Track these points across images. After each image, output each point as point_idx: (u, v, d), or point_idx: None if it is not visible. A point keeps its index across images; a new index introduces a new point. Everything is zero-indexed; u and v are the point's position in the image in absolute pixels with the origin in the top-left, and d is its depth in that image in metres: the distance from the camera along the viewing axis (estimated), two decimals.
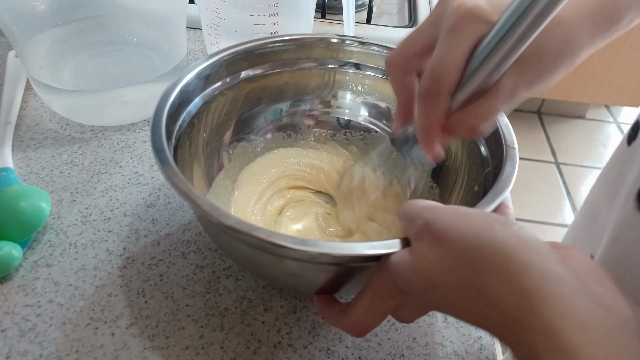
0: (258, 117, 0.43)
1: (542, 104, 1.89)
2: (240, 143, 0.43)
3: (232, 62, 0.39)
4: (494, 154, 0.34)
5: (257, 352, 0.33)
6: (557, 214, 1.52)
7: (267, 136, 0.44)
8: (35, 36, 0.45)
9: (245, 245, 0.28)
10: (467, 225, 0.22)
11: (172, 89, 0.34)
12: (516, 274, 0.20)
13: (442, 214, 0.24)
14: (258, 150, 0.44)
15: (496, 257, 0.21)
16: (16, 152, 0.46)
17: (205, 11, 0.49)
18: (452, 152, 0.40)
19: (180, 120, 0.35)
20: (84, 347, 0.32)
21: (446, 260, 0.22)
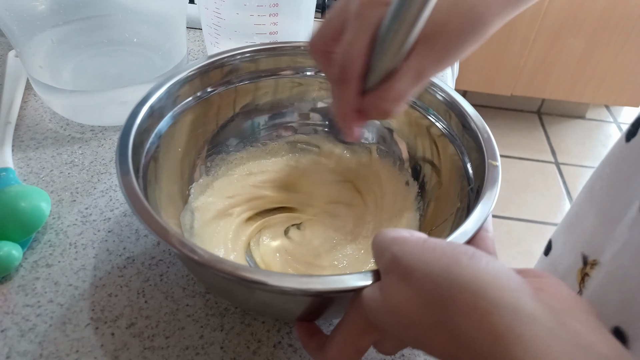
0: (234, 129, 0.43)
1: (542, 104, 1.89)
2: (219, 155, 0.42)
3: (200, 76, 0.39)
4: (477, 170, 0.34)
5: (257, 352, 0.33)
6: (557, 214, 1.52)
7: (244, 148, 0.44)
8: (36, 36, 0.45)
9: (215, 276, 0.27)
10: (434, 261, 0.22)
11: (139, 108, 0.34)
12: (486, 314, 0.19)
13: (409, 248, 0.23)
14: (233, 163, 0.43)
15: (465, 296, 0.20)
16: (16, 152, 0.46)
17: (205, 11, 0.49)
18: (437, 165, 0.39)
19: (149, 141, 0.35)
20: (84, 347, 0.32)
21: (415, 298, 0.21)
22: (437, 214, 0.38)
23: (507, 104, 1.88)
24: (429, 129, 0.40)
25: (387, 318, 0.23)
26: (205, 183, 0.41)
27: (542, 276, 0.23)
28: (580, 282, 0.32)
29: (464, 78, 1.62)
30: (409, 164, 0.42)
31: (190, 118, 0.39)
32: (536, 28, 1.51)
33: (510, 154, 1.70)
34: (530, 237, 1.44)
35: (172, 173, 0.38)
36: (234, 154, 0.43)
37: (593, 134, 1.84)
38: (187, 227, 0.37)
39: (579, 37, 1.52)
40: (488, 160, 0.33)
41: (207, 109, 0.40)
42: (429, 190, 0.40)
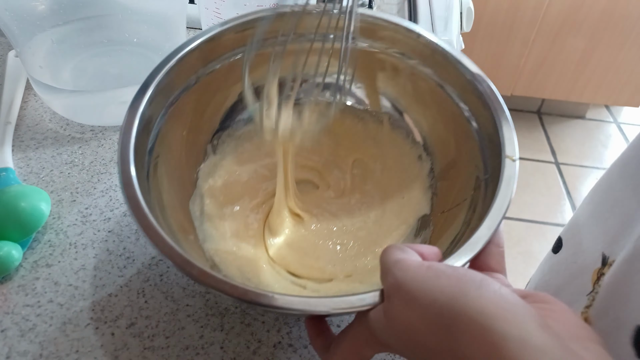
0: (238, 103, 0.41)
1: (542, 104, 1.89)
2: (225, 132, 0.40)
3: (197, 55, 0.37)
4: (490, 162, 0.33)
5: (257, 352, 0.33)
6: (557, 214, 1.52)
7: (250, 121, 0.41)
8: (36, 36, 0.45)
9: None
10: (440, 289, 0.21)
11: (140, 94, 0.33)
12: (495, 346, 0.19)
13: (411, 274, 0.23)
14: (241, 138, 0.41)
15: (473, 328, 0.20)
16: (16, 152, 0.46)
17: (205, 11, 0.49)
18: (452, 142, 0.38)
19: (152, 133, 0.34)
20: (84, 347, 0.32)
21: (420, 325, 0.21)
22: (449, 195, 0.37)
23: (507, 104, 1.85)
24: (445, 104, 0.38)
25: (393, 340, 0.23)
26: (213, 163, 0.40)
27: (550, 302, 0.23)
28: (595, 282, 0.32)
29: None
30: (421, 138, 0.40)
31: (191, 98, 0.37)
32: (536, 28, 1.51)
33: None
34: (530, 237, 1.44)
35: (178, 159, 0.37)
36: (241, 128, 0.41)
37: (593, 134, 1.84)
38: (197, 214, 0.36)
39: (578, 37, 1.52)
40: (505, 154, 0.31)
41: (207, 86, 0.38)
42: (442, 169, 0.38)
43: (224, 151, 0.41)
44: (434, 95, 0.39)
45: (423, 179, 0.39)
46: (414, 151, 0.41)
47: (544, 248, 0.41)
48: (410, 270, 0.23)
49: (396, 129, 0.42)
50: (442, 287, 0.21)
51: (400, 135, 0.42)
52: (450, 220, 0.35)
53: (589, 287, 0.32)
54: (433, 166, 0.39)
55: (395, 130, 0.42)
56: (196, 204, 0.37)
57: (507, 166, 0.30)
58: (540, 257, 0.45)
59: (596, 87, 1.65)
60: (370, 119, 0.43)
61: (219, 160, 0.40)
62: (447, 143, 0.39)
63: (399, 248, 0.25)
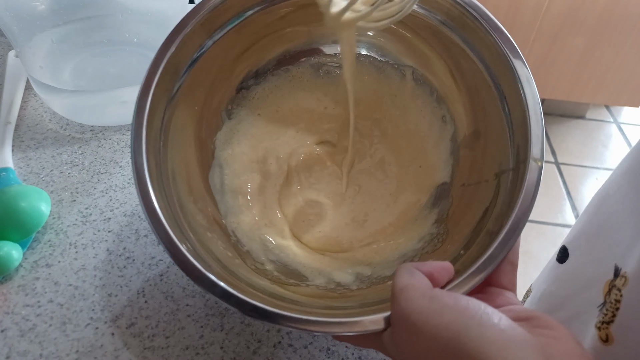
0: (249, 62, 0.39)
1: (542, 104, 1.89)
2: (238, 94, 0.39)
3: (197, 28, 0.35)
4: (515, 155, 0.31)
5: (257, 352, 0.33)
6: (558, 214, 1.52)
7: (264, 79, 0.40)
8: (36, 36, 0.45)
9: None
10: (443, 326, 0.22)
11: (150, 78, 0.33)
12: None
13: (416, 306, 0.23)
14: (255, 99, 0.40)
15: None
16: (16, 152, 0.46)
17: None
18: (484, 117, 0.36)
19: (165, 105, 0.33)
20: (84, 347, 0.32)
21: (425, 356, 0.22)
22: (472, 168, 0.35)
23: None
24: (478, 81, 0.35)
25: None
26: (229, 129, 0.38)
27: (553, 327, 0.22)
28: (606, 294, 0.31)
29: None
30: (446, 97, 0.38)
31: (202, 69, 0.36)
32: (536, 28, 1.51)
33: None
34: (531, 237, 1.44)
35: (193, 131, 0.36)
36: (254, 89, 0.40)
37: (593, 134, 1.84)
38: (218, 186, 0.36)
39: (579, 36, 1.52)
40: (530, 157, 0.29)
41: (218, 51, 0.37)
42: (466, 136, 0.36)
43: (239, 115, 0.39)
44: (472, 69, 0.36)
45: (445, 144, 0.38)
46: (437, 111, 0.38)
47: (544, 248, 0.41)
48: (414, 301, 0.23)
49: (420, 85, 0.39)
50: (445, 322, 0.21)
51: (424, 92, 0.39)
52: (470, 199, 0.34)
53: (600, 299, 0.32)
54: (456, 131, 0.37)
55: (418, 86, 0.39)
56: (215, 175, 0.37)
57: (530, 170, 0.29)
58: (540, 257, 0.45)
59: (596, 87, 1.65)
60: (392, 72, 0.40)
61: (235, 124, 0.39)
62: (474, 111, 0.36)
63: (408, 271, 0.25)
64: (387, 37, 0.40)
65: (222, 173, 0.37)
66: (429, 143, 0.39)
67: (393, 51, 0.40)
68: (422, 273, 0.25)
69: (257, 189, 0.38)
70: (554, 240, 1.39)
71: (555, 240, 1.40)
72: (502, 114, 0.33)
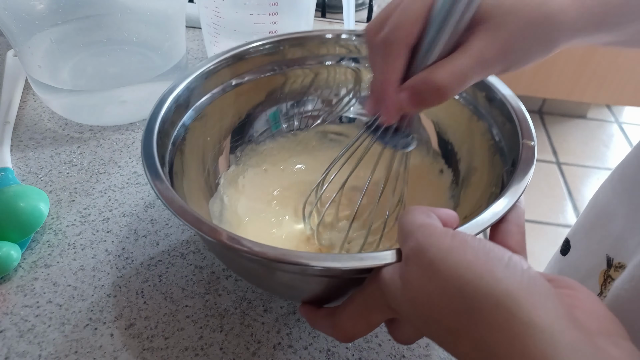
0: (259, 118, 0.43)
1: (543, 104, 1.89)
2: (249, 146, 0.42)
3: (222, 69, 0.39)
4: (511, 151, 0.32)
5: (257, 353, 0.33)
6: (559, 214, 1.51)
7: (274, 139, 0.44)
8: (34, 35, 0.45)
9: (237, 256, 0.28)
10: (466, 264, 0.20)
11: (166, 96, 0.34)
12: (520, 336, 0.17)
13: (436, 240, 0.21)
14: (264, 154, 0.43)
15: (497, 312, 0.18)
16: (15, 152, 0.46)
17: (205, 10, 0.48)
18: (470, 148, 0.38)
19: (175, 131, 0.35)
20: (82, 347, 0.32)
21: (438, 298, 0.20)
22: (472, 200, 0.36)
23: None
24: (459, 109, 0.38)
25: (406, 307, 0.22)
26: (236, 173, 0.41)
27: (576, 288, 0.21)
28: (602, 284, 0.32)
29: None
30: (440, 149, 0.41)
31: (216, 109, 0.39)
32: None
33: None
34: (532, 237, 1.44)
35: (200, 162, 0.38)
36: (263, 144, 0.43)
37: (595, 134, 1.83)
38: (217, 214, 0.37)
39: None
40: (523, 140, 0.30)
41: (233, 100, 0.40)
42: (463, 177, 0.38)
43: (246, 163, 0.42)
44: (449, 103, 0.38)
45: (444, 192, 0.40)
46: (435, 166, 0.41)
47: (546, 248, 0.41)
48: (434, 236, 0.21)
49: (417, 147, 0.41)
50: (468, 261, 0.20)
51: (421, 151, 0.42)
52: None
53: (598, 289, 0.32)
54: (455, 177, 0.39)
55: (416, 148, 0.42)
56: (216, 205, 0.38)
57: (525, 149, 0.30)
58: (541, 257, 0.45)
59: (598, 86, 1.64)
60: None
61: (242, 171, 0.42)
62: (465, 149, 0.39)
63: (423, 212, 0.23)
64: None
65: (222, 207, 0.39)
66: (431, 195, 0.40)
67: None
68: (436, 216, 0.24)
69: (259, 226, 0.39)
70: (556, 240, 1.39)
71: (556, 240, 1.40)
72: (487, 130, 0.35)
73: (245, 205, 0.40)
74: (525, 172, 0.29)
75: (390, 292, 0.22)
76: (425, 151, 0.42)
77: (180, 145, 0.35)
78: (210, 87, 0.38)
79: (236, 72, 0.40)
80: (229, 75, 0.40)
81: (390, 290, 0.22)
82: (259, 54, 0.40)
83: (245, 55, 0.40)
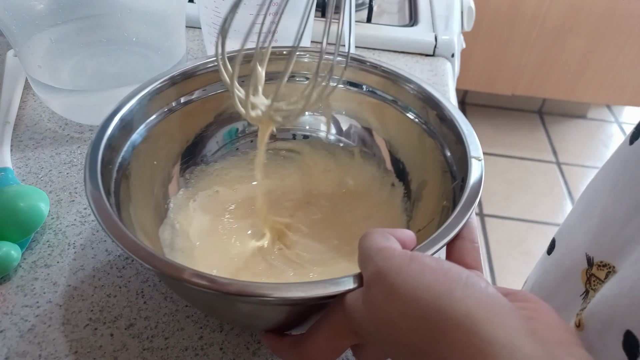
0: (211, 139, 0.41)
1: (543, 104, 1.89)
2: (198, 167, 0.41)
3: (168, 88, 0.38)
4: (459, 165, 0.34)
5: (257, 353, 0.33)
6: (559, 214, 1.51)
7: (224, 158, 0.42)
8: (34, 35, 0.45)
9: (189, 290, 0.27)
10: (425, 286, 0.20)
11: (110, 119, 0.33)
12: (482, 353, 0.18)
13: (394, 264, 0.21)
14: (214, 175, 0.41)
15: (458, 332, 0.18)
16: (15, 152, 0.46)
17: (205, 10, 0.48)
18: (421, 163, 0.39)
19: (122, 152, 0.34)
20: (82, 347, 0.32)
21: (402, 322, 0.20)
22: (424, 213, 0.37)
23: (508, 104, 1.87)
24: (409, 126, 0.39)
25: (370, 331, 0.22)
26: (186, 197, 0.39)
27: (532, 301, 0.22)
28: (586, 283, 0.32)
29: (465, 78, 1.61)
30: (392, 165, 0.41)
31: (163, 129, 0.38)
32: (537, 27, 1.51)
33: (512, 154, 1.69)
34: (532, 237, 1.44)
35: (148, 187, 0.36)
36: (213, 165, 0.42)
37: (594, 134, 1.83)
38: (167, 242, 0.36)
39: (580, 36, 1.52)
40: (471, 155, 0.32)
41: (181, 119, 0.39)
42: (414, 190, 0.39)
43: (196, 186, 0.40)
44: (397, 118, 0.40)
45: (397, 205, 0.40)
46: (386, 180, 0.41)
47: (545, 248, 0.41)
48: (393, 260, 0.22)
49: (367, 161, 0.43)
50: (427, 283, 0.20)
51: (372, 166, 0.42)
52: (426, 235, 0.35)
53: (582, 288, 0.32)
54: (406, 191, 0.40)
55: (366, 162, 0.43)
56: (166, 232, 0.36)
57: (473, 165, 0.31)
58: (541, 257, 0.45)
59: (597, 86, 1.65)
60: (342, 153, 0.43)
61: (191, 194, 0.40)
62: (416, 164, 0.40)
63: (381, 234, 0.24)
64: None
65: (174, 233, 0.37)
66: (384, 209, 0.40)
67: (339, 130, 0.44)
68: (394, 238, 0.24)
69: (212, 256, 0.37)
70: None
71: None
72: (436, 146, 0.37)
73: (198, 229, 0.38)
74: (475, 188, 0.30)
75: (355, 318, 0.23)
76: (376, 166, 0.42)
77: (125, 171, 0.33)
78: (156, 108, 0.37)
79: (184, 91, 0.39)
80: (175, 95, 0.38)
81: (354, 317, 0.23)
82: (207, 71, 0.39)
83: (194, 72, 0.39)
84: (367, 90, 0.42)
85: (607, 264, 0.30)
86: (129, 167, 0.34)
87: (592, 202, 0.34)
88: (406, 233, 0.25)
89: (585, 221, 0.34)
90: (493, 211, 1.50)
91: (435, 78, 0.60)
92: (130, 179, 0.34)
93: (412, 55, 0.64)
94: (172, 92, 0.38)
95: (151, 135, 0.37)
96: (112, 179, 0.32)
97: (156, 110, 0.37)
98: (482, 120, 1.81)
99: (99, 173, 0.30)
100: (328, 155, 0.44)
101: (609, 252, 0.30)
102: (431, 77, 0.61)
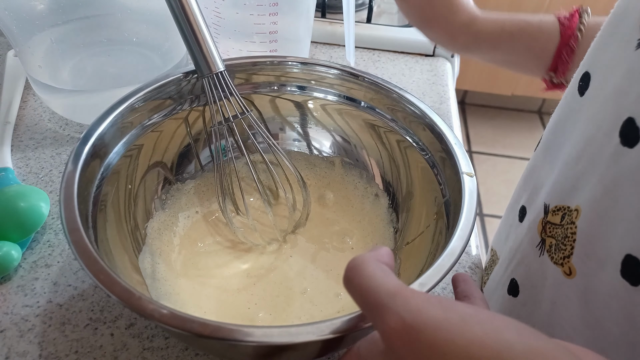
0: (186, 156, 0.40)
1: (543, 104, 1.89)
2: (174, 186, 0.39)
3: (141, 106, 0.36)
4: (449, 182, 0.33)
5: None
6: None
7: (200, 175, 0.41)
8: (35, 36, 0.45)
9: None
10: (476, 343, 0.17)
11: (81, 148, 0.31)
12: None
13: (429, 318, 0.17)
14: (191, 193, 0.40)
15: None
16: (15, 152, 0.46)
17: (205, 10, 0.48)
18: (407, 175, 0.39)
19: (95, 184, 0.32)
20: (83, 347, 0.32)
21: None
22: (412, 225, 0.37)
23: (508, 104, 1.87)
24: (394, 139, 0.39)
25: None
26: (162, 219, 0.38)
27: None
28: (541, 232, 0.31)
29: (464, 78, 1.61)
30: (377, 176, 0.41)
31: (137, 151, 0.36)
32: None
33: (511, 154, 1.69)
34: None
35: (124, 214, 0.35)
36: (189, 182, 0.40)
37: None
38: (148, 271, 0.34)
39: None
40: (462, 171, 0.32)
41: (154, 138, 0.37)
42: (400, 202, 0.39)
43: (173, 207, 0.39)
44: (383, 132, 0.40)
45: (382, 217, 0.40)
46: (369, 190, 0.41)
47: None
48: (424, 313, 0.18)
49: (349, 171, 0.42)
50: (480, 339, 0.17)
51: (354, 176, 0.42)
52: (415, 249, 0.35)
53: (538, 239, 0.32)
54: (391, 201, 0.40)
55: (348, 173, 0.42)
56: (146, 261, 0.35)
57: (466, 182, 0.31)
58: None
59: None
60: (322, 164, 0.43)
61: (169, 216, 0.38)
62: (401, 175, 0.39)
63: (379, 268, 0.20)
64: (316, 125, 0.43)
65: (154, 261, 0.35)
66: (368, 220, 0.40)
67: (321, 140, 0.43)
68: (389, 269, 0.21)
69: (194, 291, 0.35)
70: None
71: None
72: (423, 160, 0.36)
73: (178, 254, 0.37)
74: (470, 207, 0.29)
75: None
76: (358, 175, 0.42)
77: (100, 200, 0.32)
78: (128, 129, 0.35)
79: (157, 108, 0.37)
80: (147, 114, 0.36)
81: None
82: (181, 85, 0.38)
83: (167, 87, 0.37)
84: (349, 102, 0.41)
85: (562, 207, 0.30)
86: (103, 195, 0.32)
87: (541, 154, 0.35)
88: (388, 254, 0.23)
89: (537, 172, 0.34)
90: (493, 211, 1.50)
91: (435, 78, 0.60)
92: (106, 207, 0.32)
93: (412, 55, 0.64)
94: (145, 111, 0.36)
95: (124, 157, 0.35)
96: (89, 211, 0.30)
97: (127, 132, 0.35)
98: (481, 120, 1.81)
99: (76, 208, 0.28)
100: (308, 164, 0.43)
101: (563, 193, 0.30)
102: (431, 77, 0.61)
